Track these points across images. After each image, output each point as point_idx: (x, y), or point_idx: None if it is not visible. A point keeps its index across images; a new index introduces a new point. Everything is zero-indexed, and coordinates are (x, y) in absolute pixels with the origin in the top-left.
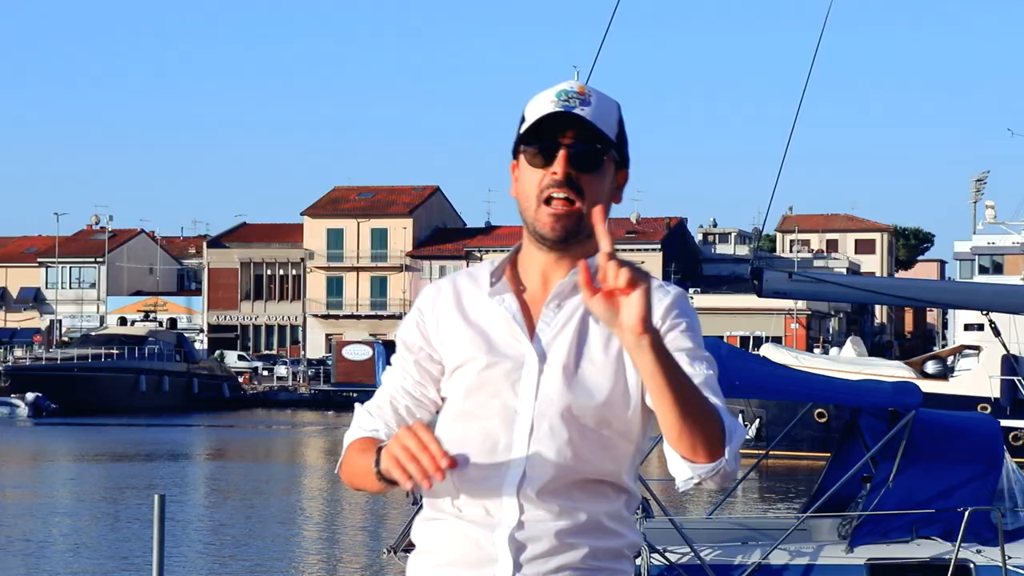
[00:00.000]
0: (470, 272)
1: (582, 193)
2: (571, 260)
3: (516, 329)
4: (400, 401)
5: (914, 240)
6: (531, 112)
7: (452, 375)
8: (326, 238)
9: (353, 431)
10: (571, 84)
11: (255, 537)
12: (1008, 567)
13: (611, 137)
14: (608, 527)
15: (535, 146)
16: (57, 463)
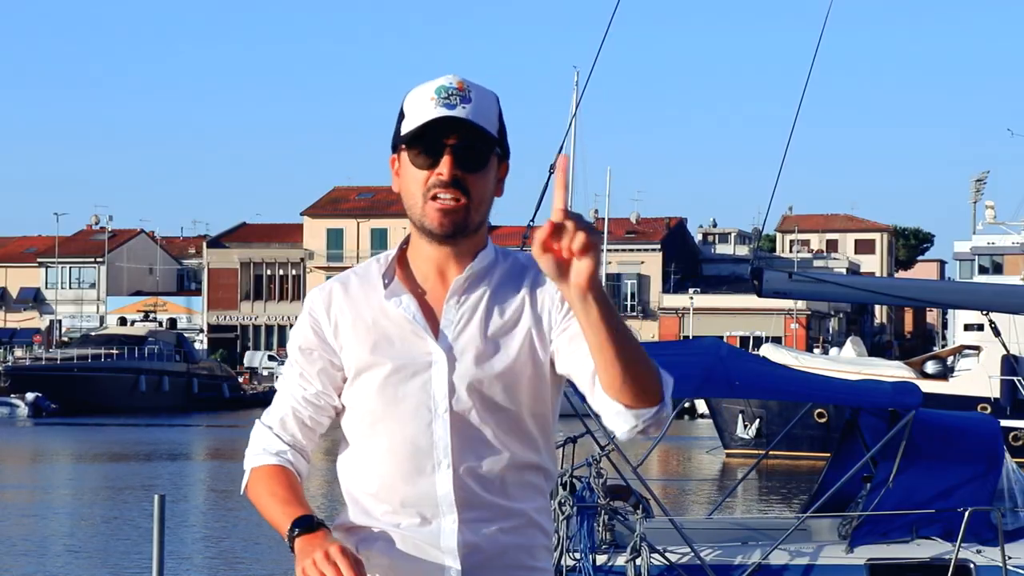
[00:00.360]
0: (358, 272)
1: (468, 192)
2: (464, 255)
3: (419, 329)
4: (303, 412)
5: (914, 240)
6: (411, 109)
7: (356, 380)
8: (326, 238)
9: (258, 455)
10: (450, 79)
11: (255, 537)
12: (1008, 567)
13: (493, 133)
14: (540, 523)
15: (419, 147)
16: (57, 463)
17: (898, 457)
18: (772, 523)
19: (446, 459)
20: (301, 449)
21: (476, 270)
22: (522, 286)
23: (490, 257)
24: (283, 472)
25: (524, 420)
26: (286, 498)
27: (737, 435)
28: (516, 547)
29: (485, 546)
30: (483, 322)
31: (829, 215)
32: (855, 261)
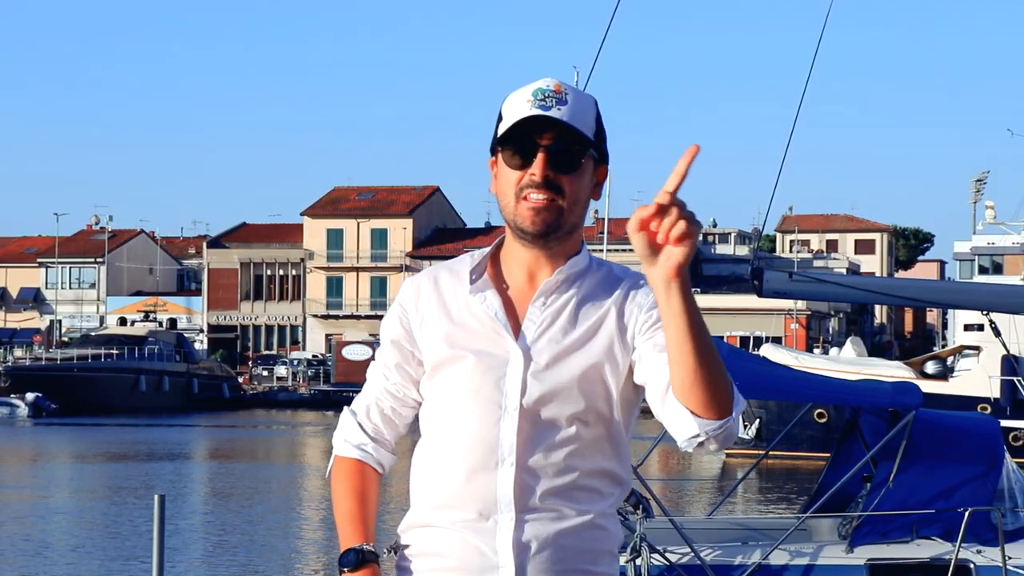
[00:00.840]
0: (450, 267)
1: (562, 192)
2: (556, 257)
3: (499, 326)
4: (385, 403)
5: (914, 240)
6: (508, 111)
7: (435, 374)
8: (326, 238)
9: (341, 444)
10: (547, 82)
11: (255, 537)
12: (1008, 567)
13: (589, 136)
14: (603, 527)
15: (513, 147)
16: (57, 463)
17: (898, 457)
18: (772, 523)
19: (510, 457)
20: (383, 440)
21: (567, 275)
22: (612, 294)
23: (583, 263)
24: (359, 473)
25: (595, 426)
26: (351, 513)
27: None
28: (575, 551)
29: (541, 548)
30: (566, 326)
31: (829, 215)
32: (855, 261)
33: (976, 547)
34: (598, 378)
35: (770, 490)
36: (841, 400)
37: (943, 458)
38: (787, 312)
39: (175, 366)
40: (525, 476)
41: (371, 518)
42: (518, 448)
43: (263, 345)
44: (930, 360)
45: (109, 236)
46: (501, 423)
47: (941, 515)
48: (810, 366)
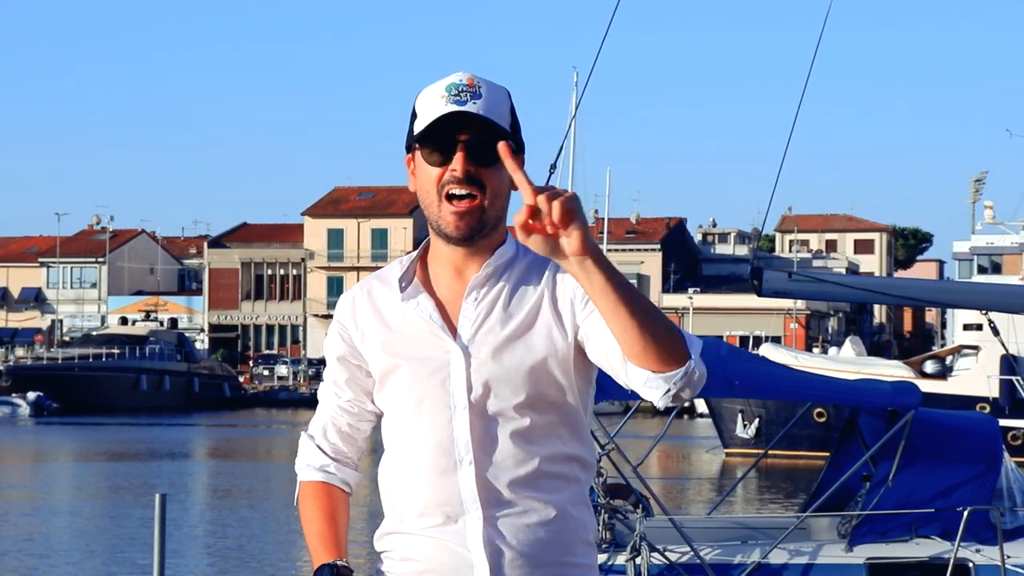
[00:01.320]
0: (380, 276)
1: (483, 187)
2: (481, 252)
3: (436, 328)
4: (341, 420)
5: (913, 240)
6: (423, 108)
7: (383, 384)
8: (326, 238)
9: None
10: (460, 76)
11: (255, 537)
12: (1007, 566)
13: (505, 127)
14: (574, 516)
15: (431, 145)
16: (58, 463)
17: (897, 456)
18: (771, 522)
19: (467, 456)
20: (345, 459)
21: (494, 267)
22: (543, 278)
23: (509, 253)
24: (326, 494)
25: (547, 413)
26: (321, 533)
27: (736, 434)
28: (549, 543)
29: (513, 543)
30: (501, 318)
31: (828, 215)
32: (854, 261)
33: (975, 546)
34: (542, 364)
35: (770, 489)
36: (840, 400)
37: (942, 457)
38: (786, 312)
39: (176, 366)
40: (486, 473)
41: (342, 536)
42: (474, 446)
43: (264, 345)
44: (929, 360)
45: (110, 236)
46: (453, 423)
47: (940, 514)
48: (809, 366)
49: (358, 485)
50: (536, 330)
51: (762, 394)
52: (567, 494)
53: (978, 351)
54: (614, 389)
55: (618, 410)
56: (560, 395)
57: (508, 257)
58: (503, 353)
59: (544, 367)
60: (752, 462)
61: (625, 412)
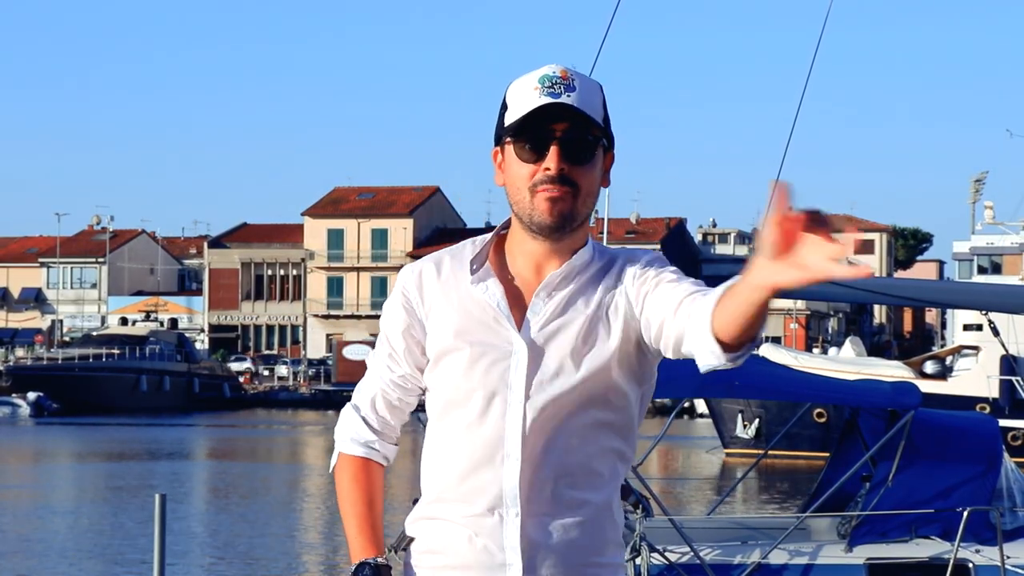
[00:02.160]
0: (452, 253)
1: (576, 185)
2: (562, 251)
3: (501, 317)
4: (392, 394)
5: (913, 240)
6: (514, 99)
7: (438, 363)
8: (326, 238)
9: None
10: (553, 68)
11: (255, 537)
12: (1007, 567)
13: (599, 121)
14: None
15: (524, 139)
16: (58, 463)
17: (897, 457)
18: (771, 522)
19: (515, 451)
20: (389, 432)
21: (572, 267)
22: (611, 280)
23: (587, 255)
24: (366, 473)
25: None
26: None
27: (736, 434)
28: (583, 545)
29: (549, 543)
30: (570, 317)
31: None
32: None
33: (975, 546)
34: (604, 368)
35: (769, 489)
36: (840, 400)
37: (942, 458)
38: (786, 312)
39: (176, 366)
40: (531, 470)
41: (379, 521)
42: (523, 442)
43: (264, 345)
44: (929, 360)
45: (110, 236)
46: (506, 417)
47: (940, 514)
48: (809, 366)
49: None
50: (601, 333)
51: (762, 394)
52: (606, 492)
53: (978, 351)
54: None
55: None
56: (620, 399)
57: (586, 259)
58: (567, 354)
59: (606, 371)
60: (752, 462)
61: None
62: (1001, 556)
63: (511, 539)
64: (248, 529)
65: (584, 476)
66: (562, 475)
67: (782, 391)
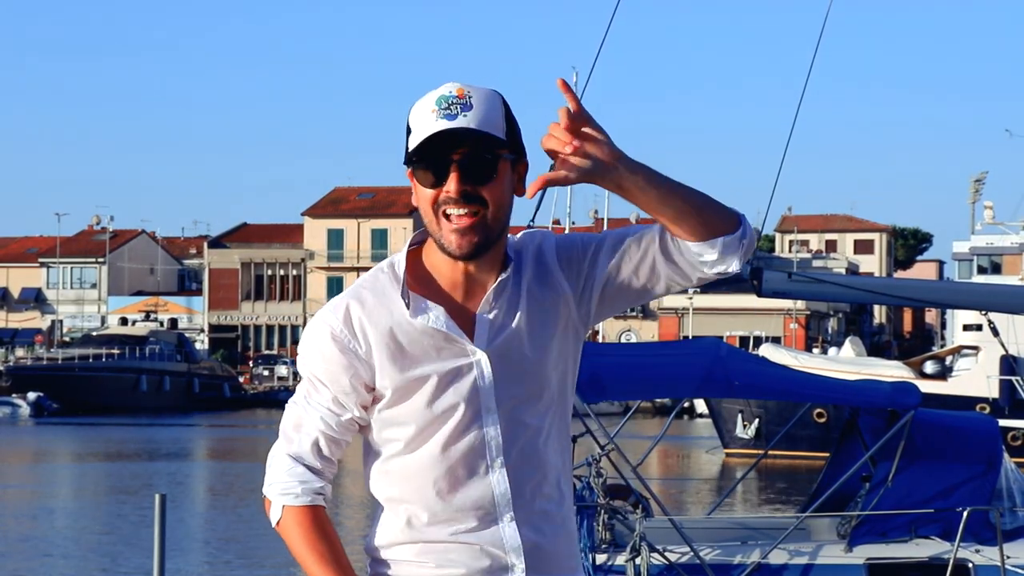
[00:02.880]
0: (367, 287)
1: (484, 202)
2: (490, 265)
3: (454, 336)
4: (337, 436)
5: (913, 240)
6: (415, 124)
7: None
8: (326, 238)
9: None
10: (450, 88)
11: (255, 537)
12: (1007, 567)
13: (501, 136)
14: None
15: (423, 165)
16: (58, 463)
17: (897, 457)
18: (771, 522)
19: (499, 457)
20: (330, 473)
21: (508, 274)
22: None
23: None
24: (319, 519)
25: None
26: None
27: (736, 435)
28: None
29: (544, 544)
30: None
31: (828, 215)
32: (854, 261)
33: (975, 546)
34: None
35: (769, 489)
36: (840, 400)
37: (942, 458)
38: (786, 312)
39: (176, 366)
40: (518, 473)
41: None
42: (504, 448)
43: (264, 345)
44: (929, 360)
45: (110, 236)
46: (485, 427)
47: (940, 515)
48: (809, 366)
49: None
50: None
51: (762, 395)
52: (568, 504)
53: (978, 351)
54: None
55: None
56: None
57: (515, 265)
58: (524, 352)
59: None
60: (752, 462)
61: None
62: (1001, 556)
63: (512, 542)
64: (248, 529)
65: (555, 487)
66: (546, 478)
67: (782, 391)
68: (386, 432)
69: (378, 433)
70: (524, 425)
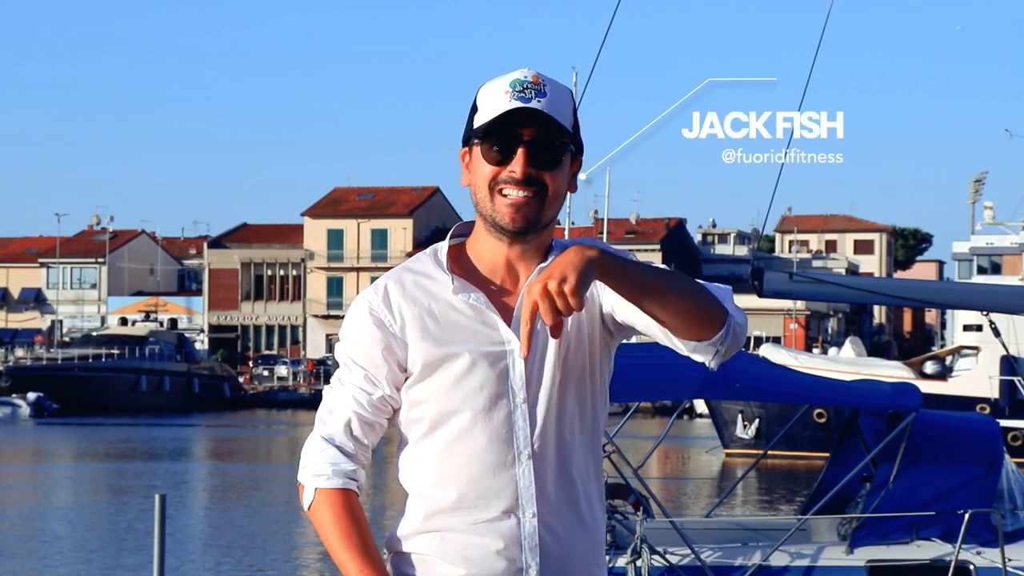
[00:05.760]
0: (411, 268)
1: (544, 187)
2: (532, 251)
3: (492, 320)
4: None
5: (913, 240)
6: (484, 102)
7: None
8: (326, 238)
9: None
10: (525, 73)
11: (255, 537)
12: (1008, 568)
13: (568, 128)
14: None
15: (492, 141)
16: (58, 463)
17: (898, 458)
18: (772, 523)
19: (527, 449)
20: (364, 457)
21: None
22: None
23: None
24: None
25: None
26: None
27: (736, 435)
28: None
29: (562, 543)
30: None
31: (828, 216)
32: (854, 261)
33: (976, 548)
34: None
35: (769, 490)
36: (841, 402)
37: (943, 459)
38: (786, 312)
39: (176, 366)
40: (544, 467)
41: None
42: (533, 439)
43: (264, 345)
44: (929, 360)
45: (110, 236)
46: (514, 416)
47: (941, 516)
48: (809, 366)
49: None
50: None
51: (763, 397)
52: (599, 496)
53: (978, 352)
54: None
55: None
56: (601, 386)
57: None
58: (558, 348)
59: (593, 358)
60: (752, 463)
61: (625, 413)
62: (1002, 558)
63: (530, 540)
64: (248, 529)
65: (587, 479)
66: (571, 475)
67: (783, 393)
68: (413, 412)
69: (406, 414)
70: (554, 420)
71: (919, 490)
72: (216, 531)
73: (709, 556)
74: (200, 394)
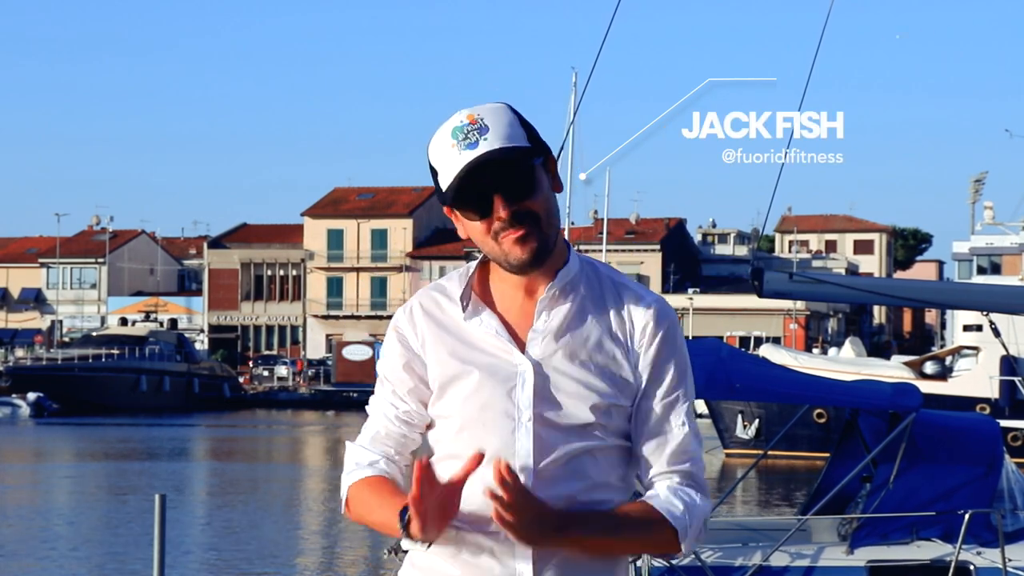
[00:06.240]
0: (440, 289)
1: (535, 216)
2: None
3: (503, 342)
4: (395, 430)
5: (912, 240)
6: (439, 163)
7: (444, 392)
8: (326, 239)
9: (351, 472)
10: (460, 118)
11: (255, 537)
12: (1008, 569)
13: (524, 144)
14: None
15: (465, 203)
16: (58, 463)
17: (898, 458)
18: (772, 523)
19: (526, 469)
20: (394, 461)
21: (561, 286)
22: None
23: (575, 269)
24: (380, 479)
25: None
26: (392, 495)
27: (736, 435)
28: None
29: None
30: (571, 335)
31: (828, 216)
32: (854, 262)
33: (976, 548)
34: (606, 385)
35: (769, 490)
36: (841, 402)
37: (943, 459)
38: (786, 312)
39: (176, 366)
40: (541, 487)
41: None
42: (534, 459)
43: (263, 345)
44: (929, 360)
45: (110, 236)
46: (516, 434)
47: (941, 516)
48: (809, 366)
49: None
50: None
51: (763, 397)
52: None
53: (978, 352)
54: None
55: None
56: (621, 420)
57: (575, 273)
58: (572, 370)
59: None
60: (752, 463)
61: None
62: (1003, 558)
63: (523, 551)
64: (248, 529)
65: (591, 501)
66: (571, 495)
67: (784, 393)
68: (433, 432)
69: (433, 431)
70: (559, 443)
71: (919, 490)
72: (216, 531)
73: (709, 556)
74: (200, 394)
